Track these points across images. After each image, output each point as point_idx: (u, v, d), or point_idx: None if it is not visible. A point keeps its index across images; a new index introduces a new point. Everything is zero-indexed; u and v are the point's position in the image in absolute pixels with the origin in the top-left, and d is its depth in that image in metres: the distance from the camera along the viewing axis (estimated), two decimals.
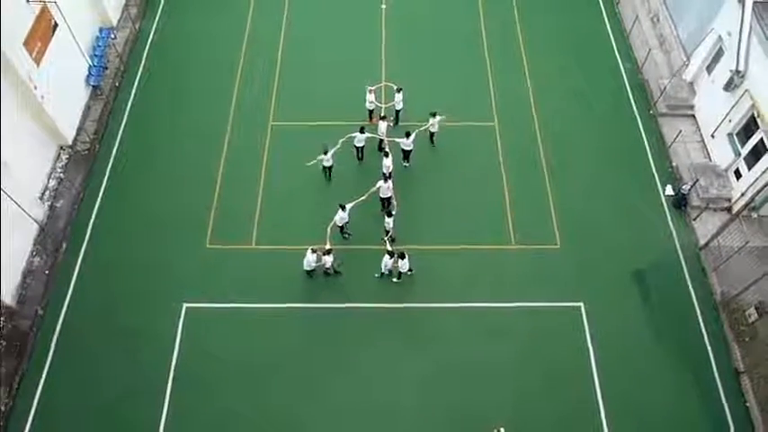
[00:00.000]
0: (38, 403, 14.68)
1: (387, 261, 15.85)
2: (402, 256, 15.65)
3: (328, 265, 15.96)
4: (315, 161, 17.59)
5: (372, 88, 19.03)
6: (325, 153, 17.48)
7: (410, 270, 16.30)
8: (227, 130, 19.67)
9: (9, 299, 15.75)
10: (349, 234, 17.06)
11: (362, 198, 16.69)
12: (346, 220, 16.49)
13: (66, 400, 14.70)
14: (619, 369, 15.35)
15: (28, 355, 15.28)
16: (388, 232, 16.61)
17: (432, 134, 18.99)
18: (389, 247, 15.82)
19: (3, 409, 14.45)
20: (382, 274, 16.40)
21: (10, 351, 15.20)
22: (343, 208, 16.20)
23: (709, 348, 15.77)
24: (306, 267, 16.06)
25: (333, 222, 16.40)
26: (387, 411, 14.69)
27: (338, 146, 17.66)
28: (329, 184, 18.48)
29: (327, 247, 15.83)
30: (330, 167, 18.03)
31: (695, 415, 14.82)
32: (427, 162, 19.02)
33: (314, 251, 15.70)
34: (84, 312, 16.04)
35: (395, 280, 16.45)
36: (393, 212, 16.56)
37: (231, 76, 21.03)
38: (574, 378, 15.24)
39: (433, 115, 18.37)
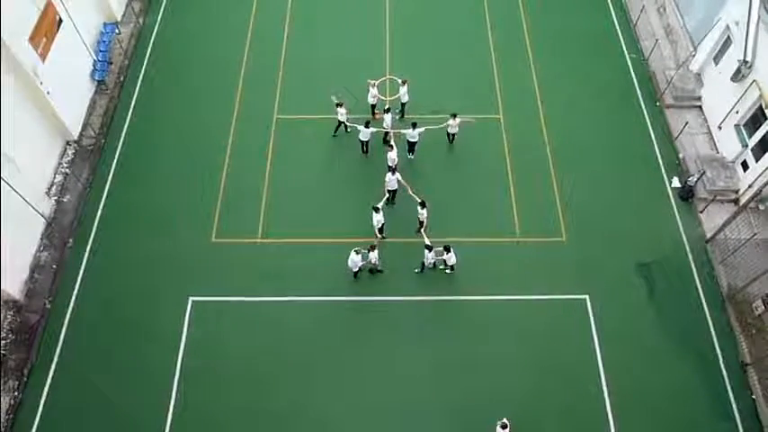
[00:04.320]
0: (46, 395, 14.83)
1: (427, 255, 15.75)
2: (447, 249, 15.58)
3: (374, 261, 15.88)
4: (333, 98, 18.24)
5: (375, 82, 18.95)
6: (338, 106, 18.04)
7: (452, 267, 16.24)
8: (232, 124, 19.70)
9: (17, 293, 15.91)
10: (383, 236, 16.93)
11: (387, 196, 16.82)
12: (383, 221, 16.39)
13: (74, 392, 14.84)
14: (624, 362, 15.31)
15: (36, 348, 15.43)
16: (422, 224, 16.48)
17: (450, 135, 18.73)
18: (427, 242, 15.72)
19: (12, 401, 14.63)
20: (424, 268, 16.29)
21: (19, 344, 15.37)
22: (377, 210, 16.14)
23: (715, 341, 15.71)
24: (353, 269, 15.96)
25: (375, 228, 16.40)
26: (394, 404, 14.74)
27: (351, 123, 18.14)
28: (331, 171, 18.50)
29: (372, 243, 15.82)
30: (344, 122, 18.46)
31: (701, 407, 14.78)
32: (432, 155, 18.97)
33: (358, 252, 15.57)
34: (91, 306, 16.16)
35: (447, 272, 16.40)
36: (426, 204, 16.32)
37: (236, 70, 21.03)
38: (579, 371, 15.23)
39: (454, 116, 18.07)
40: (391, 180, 16.94)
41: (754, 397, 14.85)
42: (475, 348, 15.49)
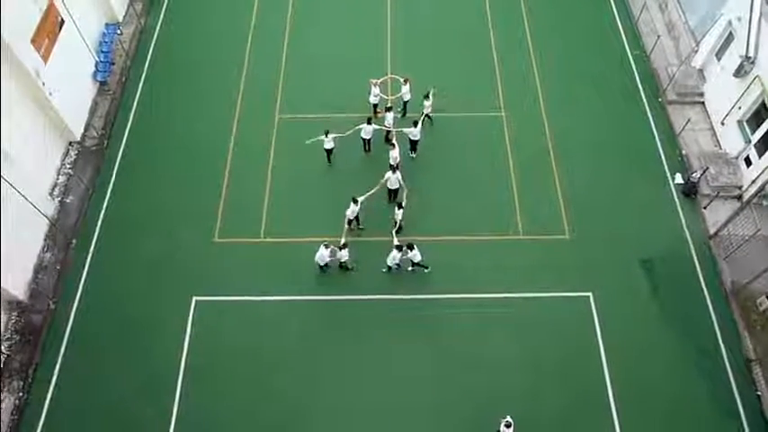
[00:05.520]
0: (51, 395, 14.89)
1: (395, 255, 15.78)
2: (411, 247, 15.60)
3: (344, 259, 15.93)
4: (314, 140, 17.73)
5: (377, 81, 18.94)
6: (326, 135, 17.63)
7: (426, 267, 16.22)
8: (233, 124, 19.71)
9: (22, 293, 15.96)
10: (361, 227, 17.06)
11: (374, 191, 16.70)
12: (357, 213, 16.49)
13: (79, 393, 14.88)
14: (628, 358, 15.29)
15: (41, 348, 15.49)
16: (396, 224, 16.60)
17: (427, 116, 18.85)
18: (396, 242, 15.77)
19: (17, 402, 14.68)
20: (389, 268, 16.36)
21: (23, 345, 15.42)
22: (356, 201, 16.21)
23: (719, 337, 15.67)
24: (320, 262, 16.03)
25: (346, 217, 16.41)
26: (396, 404, 14.74)
27: (343, 134, 17.77)
28: (333, 170, 18.47)
29: (343, 241, 15.84)
30: (331, 150, 18.15)
31: (706, 404, 14.75)
32: (434, 153, 18.97)
33: (327, 246, 15.66)
34: (94, 306, 16.20)
35: (409, 269, 16.40)
36: (403, 204, 16.51)
37: (237, 70, 21.05)
38: (583, 368, 15.21)
39: (426, 97, 18.42)
40: (392, 179, 16.94)
41: (758, 393, 14.81)
42: (478, 346, 15.48)
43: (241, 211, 17.83)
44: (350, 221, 16.69)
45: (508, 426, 13.28)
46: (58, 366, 15.29)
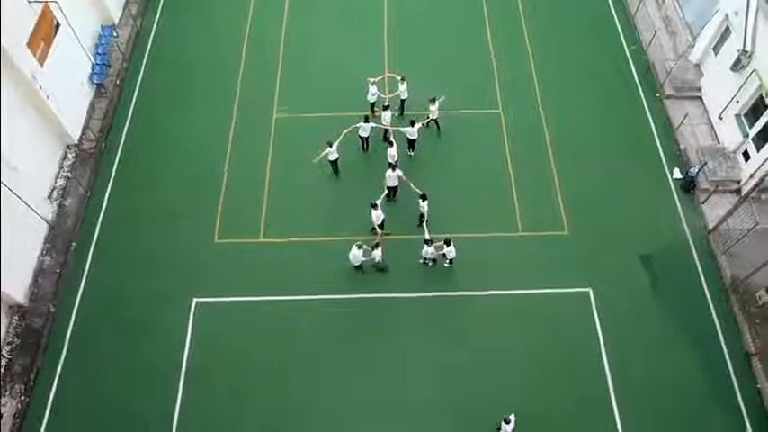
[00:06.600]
0: (53, 398, 14.92)
1: (427, 250, 15.85)
2: (448, 243, 15.66)
3: (377, 259, 15.95)
4: (321, 156, 17.54)
5: (374, 80, 18.93)
6: (330, 146, 17.41)
7: (451, 261, 16.35)
8: (231, 124, 19.70)
9: (22, 297, 15.97)
10: (384, 231, 16.82)
11: (385, 192, 16.86)
12: (383, 216, 16.40)
13: (81, 395, 14.91)
14: (627, 353, 15.33)
15: (42, 351, 15.51)
16: (423, 216, 16.58)
17: (435, 121, 18.76)
18: (427, 236, 15.82)
19: (19, 405, 14.70)
20: (425, 262, 16.43)
21: (24, 348, 15.44)
22: (375, 206, 16.16)
23: (719, 331, 15.71)
24: (354, 263, 16.02)
25: (374, 224, 16.38)
26: (398, 402, 14.78)
27: (341, 137, 17.64)
28: (337, 176, 18.45)
29: (376, 241, 15.86)
30: (336, 161, 17.96)
31: (706, 398, 14.80)
32: (432, 151, 18.97)
33: (360, 247, 15.65)
34: (95, 309, 16.22)
35: (446, 264, 16.48)
36: (426, 196, 16.42)
37: (234, 70, 21.00)
38: (583, 363, 15.26)
39: (432, 101, 18.22)
40: (391, 177, 16.94)
41: (759, 387, 14.86)
42: (478, 343, 15.52)
43: (240, 211, 17.84)
44: (380, 225, 16.55)
45: (507, 422, 13.33)
46: (59, 370, 15.31)
